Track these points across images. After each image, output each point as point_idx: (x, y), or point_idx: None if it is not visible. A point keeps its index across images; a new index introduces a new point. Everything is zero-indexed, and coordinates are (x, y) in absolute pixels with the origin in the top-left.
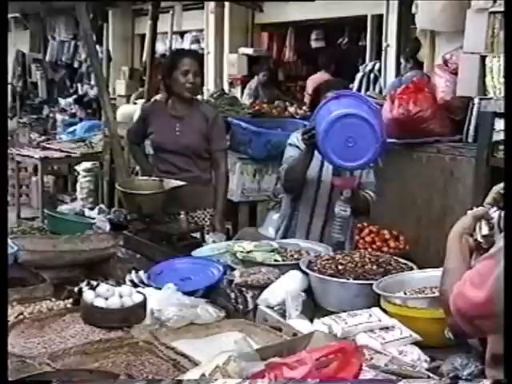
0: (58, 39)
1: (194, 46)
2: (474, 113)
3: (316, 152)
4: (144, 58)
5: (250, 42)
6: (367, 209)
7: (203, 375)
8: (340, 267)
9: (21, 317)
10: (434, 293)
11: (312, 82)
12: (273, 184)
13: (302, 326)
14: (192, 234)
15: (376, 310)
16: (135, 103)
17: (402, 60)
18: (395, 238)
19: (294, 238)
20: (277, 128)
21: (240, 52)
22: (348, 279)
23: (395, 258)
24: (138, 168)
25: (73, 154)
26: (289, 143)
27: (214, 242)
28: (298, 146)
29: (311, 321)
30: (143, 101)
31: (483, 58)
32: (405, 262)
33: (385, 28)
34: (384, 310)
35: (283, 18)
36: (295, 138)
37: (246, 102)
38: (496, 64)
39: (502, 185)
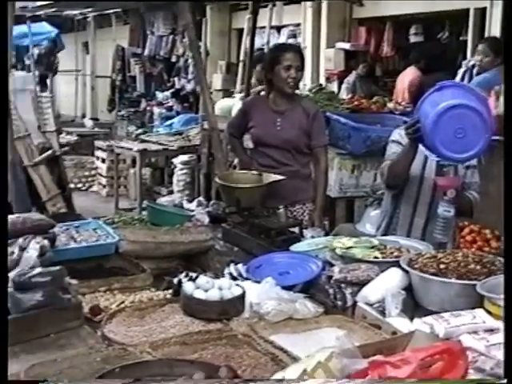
0: (156, 34)
1: (291, 41)
2: None
3: (419, 148)
4: (242, 53)
5: (348, 37)
6: (470, 210)
7: (305, 371)
8: (442, 266)
9: (122, 305)
10: None
11: (402, 78)
12: (371, 180)
13: (402, 324)
14: (290, 229)
15: (480, 311)
16: (234, 97)
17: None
18: (497, 238)
19: (395, 236)
20: (376, 124)
21: (337, 47)
22: (450, 279)
23: (499, 258)
24: (235, 162)
25: (170, 147)
26: (391, 140)
27: (312, 237)
28: (400, 143)
29: (411, 320)
30: (242, 95)
31: None
32: None
33: (488, 22)
34: (488, 312)
35: (382, 12)
36: (398, 134)
37: (344, 97)
38: None
39: None
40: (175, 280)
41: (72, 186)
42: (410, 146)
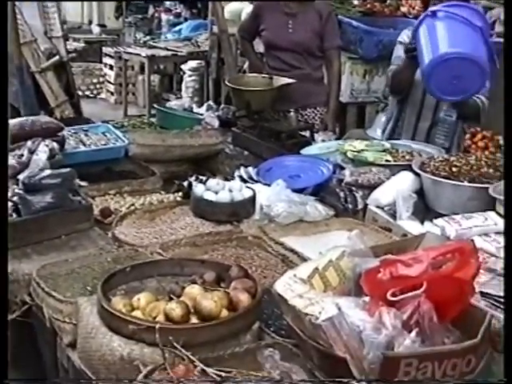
0: None
1: None
2: None
3: None
4: None
5: None
6: (477, 114)
7: (316, 269)
8: (454, 169)
9: (132, 208)
10: None
11: None
12: (383, 85)
13: (413, 227)
14: (301, 133)
15: (492, 213)
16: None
17: None
18: None
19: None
20: (389, 28)
21: None
22: (462, 182)
23: None
24: (245, 67)
25: (179, 53)
26: (399, 41)
27: (323, 140)
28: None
29: (422, 223)
30: None
31: None
32: None
33: None
34: (500, 215)
35: None
36: (406, 35)
37: (356, 1)
38: None
39: None
40: (185, 183)
41: (80, 93)
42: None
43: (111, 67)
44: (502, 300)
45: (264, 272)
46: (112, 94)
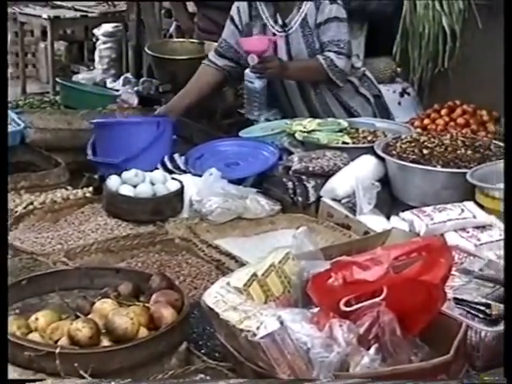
0: None
1: None
2: None
3: None
4: None
5: None
6: (322, 76)
7: (254, 275)
8: (425, 152)
9: (30, 207)
10: None
11: None
12: None
13: (376, 222)
14: (240, 110)
15: (470, 204)
16: None
17: None
18: (495, 120)
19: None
20: None
21: None
22: (435, 166)
23: (495, 141)
24: (172, 30)
25: (90, 14)
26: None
27: (267, 120)
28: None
29: (387, 217)
30: None
31: None
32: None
33: None
34: (480, 205)
35: None
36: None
37: None
38: None
39: None
40: (96, 175)
41: None
42: None
43: None
44: (480, 307)
45: (194, 282)
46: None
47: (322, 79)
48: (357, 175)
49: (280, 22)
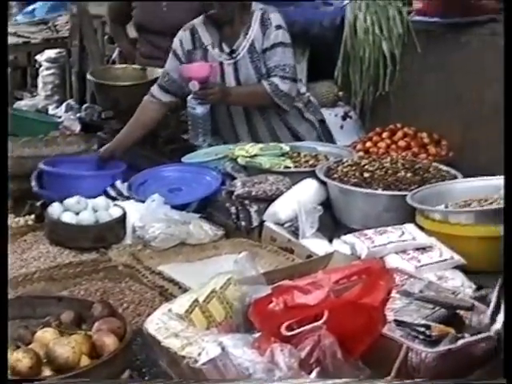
0: None
1: None
2: None
3: None
4: None
5: None
6: (267, 101)
7: (196, 301)
8: (366, 175)
9: None
10: (482, 206)
11: None
12: None
13: (319, 246)
14: (183, 136)
15: (410, 226)
16: None
17: None
18: (436, 142)
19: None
20: (288, 5)
21: None
22: (376, 189)
23: (435, 164)
24: (115, 55)
25: (32, 40)
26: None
27: (210, 145)
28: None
29: (330, 240)
30: None
31: None
32: (447, 169)
33: None
34: (420, 227)
35: None
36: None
37: None
38: None
39: None
40: (39, 202)
41: None
42: None
43: None
44: (420, 329)
45: (137, 308)
46: None
47: (268, 104)
48: (299, 199)
49: (227, 49)
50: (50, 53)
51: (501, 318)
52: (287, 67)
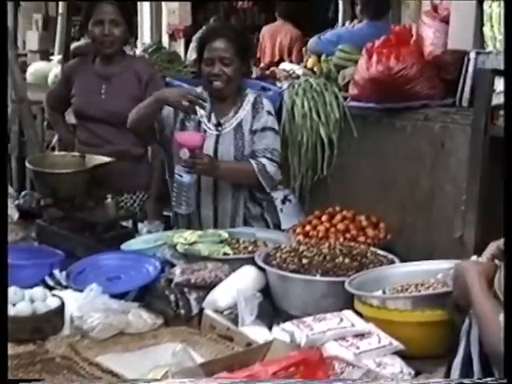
0: None
1: None
2: (470, 71)
3: None
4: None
5: None
6: (252, 180)
7: None
8: (304, 261)
9: None
10: (419, 291)
11: (268, 33)
12: None
13: (258, 334)
14: (122, 223)
15: (348, 313)
16: (51, 60)
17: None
18: (374, 225)
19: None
20: None
21: None
22: (314, 275)
23: (372, 249)
24: (54, 141)
25: None
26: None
27: (149, 232)
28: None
29: (269, 328)
30: (60, 57)
31: (480, 2)
32: (384, 253)
33: None
34: (358, 313)
35: None
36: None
37: (191, 59)
38: (496, 10)
39: (501, 241)
40: None
41: None
42: None
43: None
44: None
45: None
46: None
47: (251, 183)
48: (238, 286)
49: (214, 121)
50: None
51: None
52: (275, 152)
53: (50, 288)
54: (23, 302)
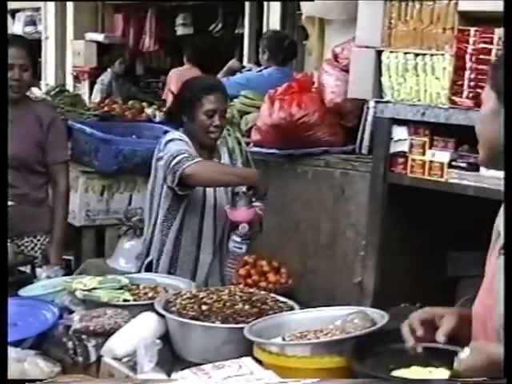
0: None
1: (29, 29)
2: (369, 119)
3: None
4: None
5: (101, 26)
6: None
7: None
8: (204, 308)
9: None
10: (318, 337)
11: (176, 77)
12: (125, 204)
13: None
14: (20, 268)
15: (247, 360)
16: None
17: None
18: (276, 270)
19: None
20: (130, 134)
21: (87, 38)
22: (214, 322)
23: (272, 295)
24: None
25: None
26: (170, 139)
27: (47, 277)
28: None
29: (168, 375)
30: None
31: (379, 53)
32: (284, 300)
33: (266, 13)
34: (258, 360)
35: None
36: (177, 134)
37: (96, 100)
38: (394, 61)
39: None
40: None
41: None
42: None
43: None
44: None
45: None
46: None
47: None
48: (137, 333)
49: None
50: None
51: None
52: None
53: None
54: None
